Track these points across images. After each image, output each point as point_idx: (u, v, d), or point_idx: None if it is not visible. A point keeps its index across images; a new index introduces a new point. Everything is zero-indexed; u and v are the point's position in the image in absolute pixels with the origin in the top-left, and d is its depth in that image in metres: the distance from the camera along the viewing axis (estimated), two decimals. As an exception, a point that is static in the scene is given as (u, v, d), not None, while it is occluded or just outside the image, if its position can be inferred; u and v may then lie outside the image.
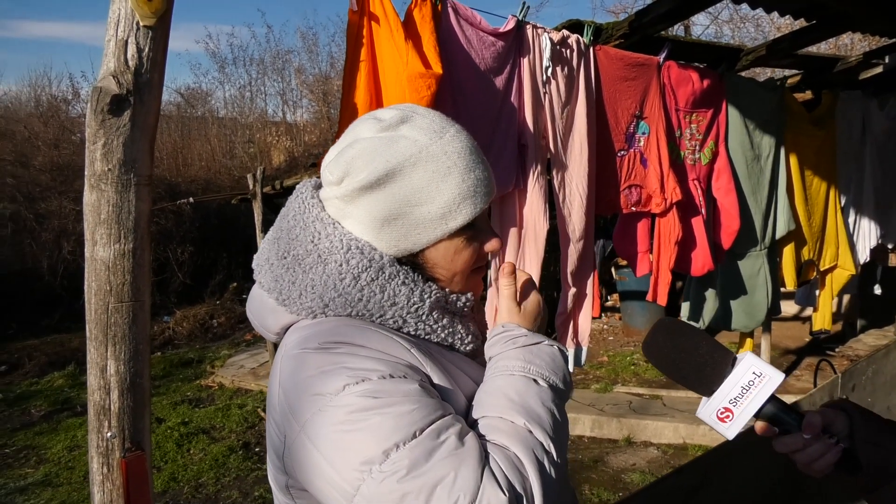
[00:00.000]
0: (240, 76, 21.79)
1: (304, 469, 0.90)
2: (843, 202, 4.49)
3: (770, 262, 3.82)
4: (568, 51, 2.68)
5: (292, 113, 19.45)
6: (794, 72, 4.56)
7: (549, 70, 2.56)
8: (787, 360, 7.87)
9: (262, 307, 1.08)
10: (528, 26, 2.55)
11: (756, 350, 7.29)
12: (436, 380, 0.95)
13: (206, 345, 10.11)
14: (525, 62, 2.54)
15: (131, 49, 1.57)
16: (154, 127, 1.66)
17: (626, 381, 7.25)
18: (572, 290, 2.85)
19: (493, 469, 0.84)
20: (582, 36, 2.80)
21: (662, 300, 3.19)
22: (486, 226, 1.10)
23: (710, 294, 3.67)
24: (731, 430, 0.99)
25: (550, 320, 2.84)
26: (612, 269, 9.28)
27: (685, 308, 3.70)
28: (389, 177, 0.97)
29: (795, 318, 8.18)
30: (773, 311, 3.86)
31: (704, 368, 1.01)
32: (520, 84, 2.54)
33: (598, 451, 5.84)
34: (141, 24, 1.57)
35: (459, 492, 0.80)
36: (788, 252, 3.98)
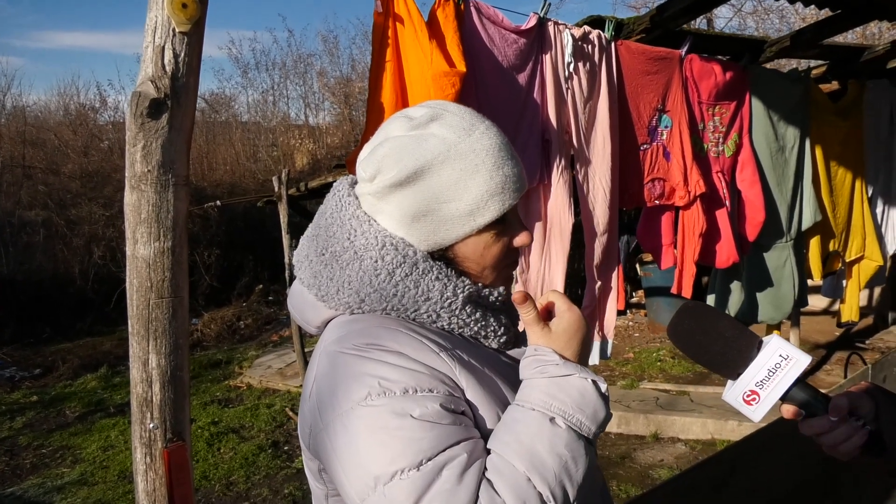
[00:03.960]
0: (262, 80, 21.98)
1: (323, 462, 0.97)
2: (870, 193, 4.44)
3: (796, 253, 3.80)
4: (590, 46, 2.71)
5: (315, 116, 19.60)
6: (820, 62, 4.53)
7: (572, 66, 2.59)
8: (816, 354, 7.74)
9: (303, 302, 1.12)
10: (549, 23, 2.58)
11: (784, 345, 7.20)
12: (464, 383, 0.97)
13: (234, 346, 10.21)
14: (547, 58, 2.57)
15: (168, 55, 1.63)
16: (190, 129, 1.72)
17: (653, 377, 7.19)
18: (598, 284, 2.88)
19: None
20: (603, 31, 2.83)
21: (687, 292, 3.19)
22: (516, 220, 1.10)
23: (736, 286, 3.66)
24: (757, 413, 1.00)
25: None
26: (637, 266, 9.21)
27: (711, 300, 3.69)
28: (419, 174, 1.00)
29: (825, 312, 8.07)
30: (801, 303, 3.83)
31: (730, 351, 1.02)
32: (542, 80, 2.57)
33: (625, 447, 5.81)
34: (177, 30, 1.63)
35: None
36: (815, 243, 3.95)
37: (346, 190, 1.11)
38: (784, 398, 1.00)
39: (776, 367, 0.99)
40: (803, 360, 0.99)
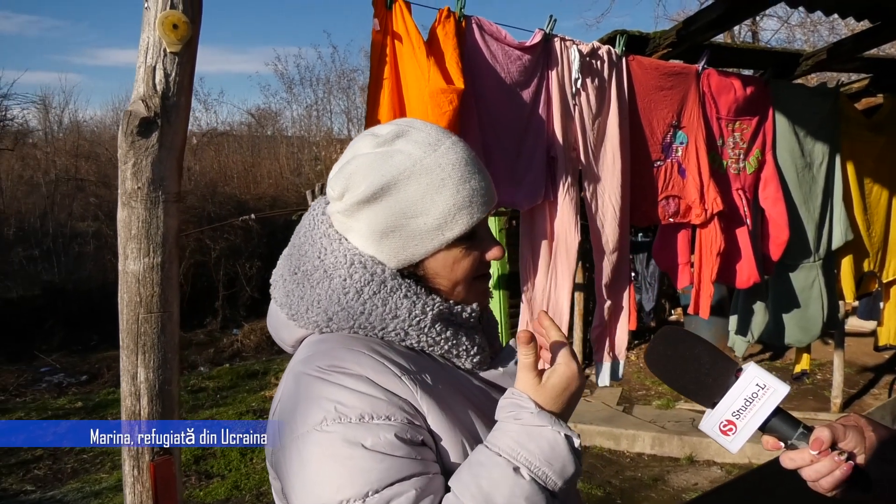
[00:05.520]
0: (307, 96, 22.35)
1: (282, 482, 0.97)
2: (909, 211, 4.26)
3: (826, 273, 3.66)
4: (599, 62, 2.67)
5: (357, 130, 19.79)
6: (863, 76, 4.39)
7: (579, 82, 2.55)
8: (864, 377, 7.47)
9: (278, 322, 1.12)
10: (556, 39, 2.55)
11: (828, 367, 6.95)
12: (425, 408, 0.96)
13: (272, 357, 10.34)
14: (553, 75, 2.54)
15: (159, 74, 1.67)
16: (182, 147, 1.76)
17: (690, 397, 7.02)
18: (608, 303, 2.81)
19: None
20: (614, 47, 2.79)
21: (705, 313, 3.10)
22: (487, 234, 1.09)
23: (760, 307, 3.54)
24: (734, 444, 0.97)
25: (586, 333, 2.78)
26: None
27: (733, 321, 3.58)
28: (385, 190, 1.00)
29: (873, 333, 7.74)
30: (830, 325, 3.68)
31: (706, 379, 1.00)
32: (548, 97, 2.54)
33: (658, 469, 5.67)
34: (168, 50, 1.67)
35: None
36: (847, 263, 3.80)
37: (321, 209, 1.11)
38: (763, 429, 0.96)
39: (753, 396, 0.96)
40: (781, 390, 0.96)
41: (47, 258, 12.18)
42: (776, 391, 0.95)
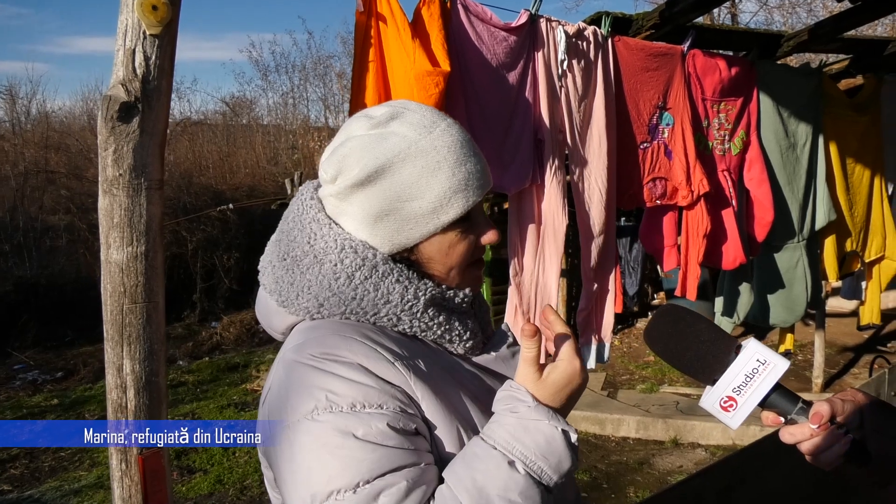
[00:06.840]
0: (282, 83, 22.19)
1: (273, 472, 0.97)
2: (890, 190, 4.31)
3: (809, 254, 3.68)
4: (584, 43, 2.64)
5: (334, 118, 19.60)
6: (843, 56, 4.41)
7: (565, 63, 2.53)
8: (844, 357, 7.62)
9: (268, 309, 1.10)
10: (541, 20, 2.52)
11: (809, 347, 7.06)
12: (419, 394, 0.94)
13: (252, 349, 10.29)
14: (539, 56, 2.51)
15: (139, 58, 1.61)
16: (163, 132, 1.70)
17: (673, 381, 7.11)
18: (594, 287, 2.81)
19: None
20: (600, 27, 2.76)
21: (692, 295, 3.10)
22: (482, 218, 1.08)
23: (745, 288, 3.56)
24: (734, 420, 0.97)
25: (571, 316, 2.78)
26: (658, 267, 9.12)
27: (719, 303, 3.60)
28: (380, 173, 0.98)
29: (853, 313, 7.89)
30: (814, 305, 3.71)
31: (706, 356, 0.99)
32: (534, 79, 2.52)
33: (643, 452, 5.75)
34: (147, 33, 1.61)
35: None
36: (830, 243, 3.83)
37: (310, 193, 1.09)
38: (763, 404, 0.96)
39: (753, 372, 0.95)
40: (781, 366, 0.95)
41: (18, 253, 11.97)
42: (776, 366, 0.95)
